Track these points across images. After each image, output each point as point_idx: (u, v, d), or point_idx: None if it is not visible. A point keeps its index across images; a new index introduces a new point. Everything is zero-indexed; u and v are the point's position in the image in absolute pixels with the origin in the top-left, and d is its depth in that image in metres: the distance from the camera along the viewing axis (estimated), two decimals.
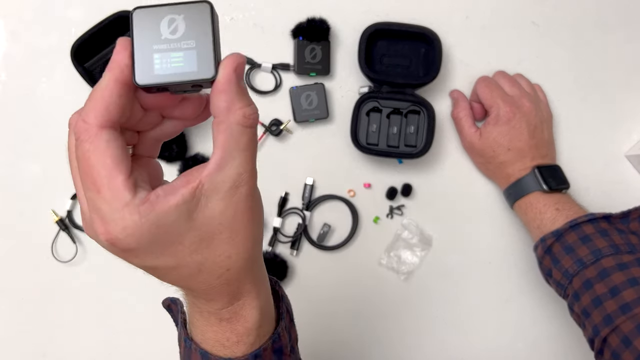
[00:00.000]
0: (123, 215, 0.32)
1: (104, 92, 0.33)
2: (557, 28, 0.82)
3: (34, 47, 0.76)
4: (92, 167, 0.32)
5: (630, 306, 0.59)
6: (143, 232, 0.33)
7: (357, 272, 0.79)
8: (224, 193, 0.34)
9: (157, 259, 0.35)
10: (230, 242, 0.36)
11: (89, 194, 0.33)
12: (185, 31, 0.33)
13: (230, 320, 0.40)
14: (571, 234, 0.66)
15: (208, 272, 0.37)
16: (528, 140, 0.74)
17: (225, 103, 0.33)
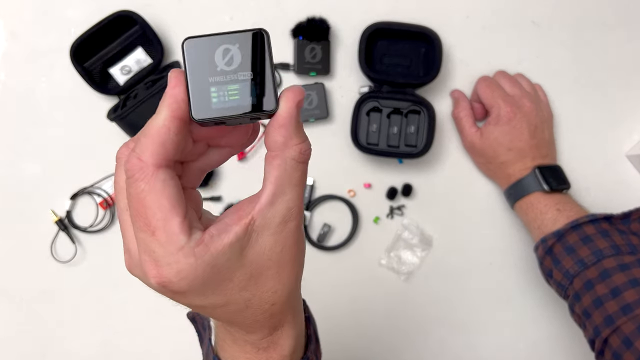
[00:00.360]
0: (178, 258, 0.31)
1: (161, 129, 0.31)
2: (558, 28, 0.81)
3: (33, 46, 0.76)
4: (147, 208, 0.31)
5: (632, 307, 0.59)
6: (197, 275, 0.32)
7: (357, 272, 0.79)
8: (274, 228, 0.33)
9: (206, 299, 0.34)
10: (277, 277, 0.35)
11: (141, 235, 0.32)
12: (242, 62, 0.32)
13: (267, 350, 0.40)
14: (572, 234, 0.66)
15: (255, 307, 0.36)
16: (529, 140, 0.74)
17: (282, 138, 0.32)
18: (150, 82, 0.72)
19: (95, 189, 0.75)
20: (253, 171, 0.72)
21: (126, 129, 0.70)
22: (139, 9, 0.73)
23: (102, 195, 0.75)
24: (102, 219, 0.76)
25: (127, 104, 0.70)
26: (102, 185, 0.75)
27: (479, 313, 0.80)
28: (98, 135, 0.76)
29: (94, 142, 0.77)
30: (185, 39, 0.32)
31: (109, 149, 0.76)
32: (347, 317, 0.79)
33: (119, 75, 0.74)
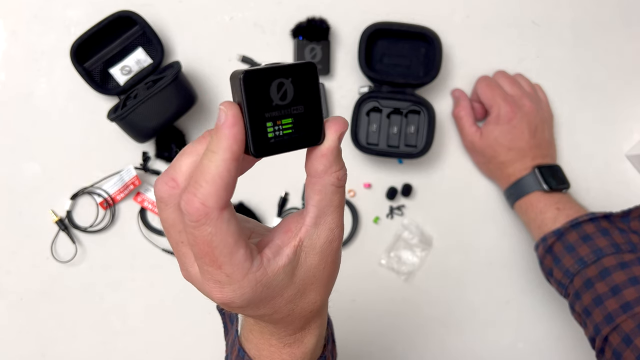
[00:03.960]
0: (242, 284, 0.34)
1: (223, 173, 0.31)
2: (558, 28, 0.82)
3: (33, 46, 0.76)
4: (214, 248, 0.32)
5: (632, 305, 0.59)
6: (256, 295, 0.35)
7: (357, 272, 0.79)
8: (319, 248, 0.36)
9: (258, 311, 0.37)
10: (318, 290, 0.39)
11: (207, 269, 0.34)
12: (294, 96, 0.33)
13: (292, 346, 0.43)
14: (572, 233, 0.66)
15: (295, 314, 0.39)
16: (529, 140, 0.74)
17: (323, 167, 0.34)
18: (151, 82, 0.72)
19: (95, 189, 0.75)
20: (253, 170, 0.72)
21: (126, 129, 0.70)
22: (139, 9, 0.73)
23: (102, 195, 0.75)
24: (103, 219, 0.76)
25: (127, 104, 0.70)
26: (102, 185, 0.75)
27: (478, 313, 0.80)
28: (98, 135, 0.76)
29: (94, 142, 0.77)
30: (244, 72, 0.32)
31: (109, 149, 0.76)
32: (347, 317, 0.79)
33: (119, 76, 0.74)
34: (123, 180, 0.74)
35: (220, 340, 0.70)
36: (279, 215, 0.78)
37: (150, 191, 0.76)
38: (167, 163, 0.77)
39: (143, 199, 0.76)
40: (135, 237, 0.77)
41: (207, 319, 0.77)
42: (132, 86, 0.74)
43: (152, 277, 0.77)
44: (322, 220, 0.36)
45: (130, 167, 0.74)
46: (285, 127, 0.33)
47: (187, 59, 0.76)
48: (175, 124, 0.76)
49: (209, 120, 0.78)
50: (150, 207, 0.76)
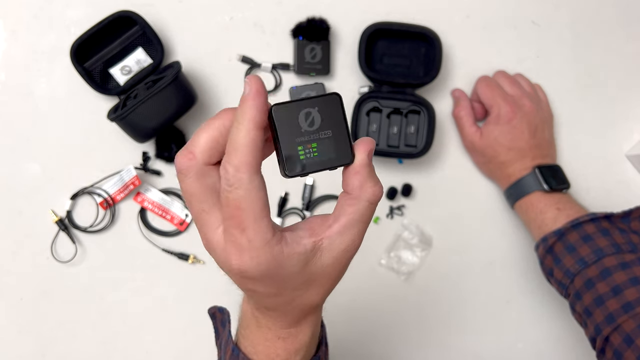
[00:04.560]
0: (259, 253, 0.36)
1: (250, 142, 0.34)
2: (558, 28, 0.82)
3: (33, 46, 0.76)
4: (242, 211, 0.35)
5: (633, 305, 0.59)
6: (269, 268, 0.37)
7: (357, 272, 0.79)
8: (336, 253, 0.39)
9: (265, 288, 0.39)
10: (323, 286, 0.41)
11: (232, 231, 0.36)
12: (322, 123, 0.37)
13: (286, 340, 0.45)
14: (573, 233, 0.66)
15: (295, 303, 0.42)
16: (529, 140, 0.74)
17: (359, 182, 0.37)
18: (151, 82, 0.72)
19: (95, 189, 0.75)
20: None
21: (126, 129, 0.71)
22: (139, 9, 0.73)
23: (103, 195, 0.75)
24: (103, 219, 0.76)
25: (127, 104, 0.70)
26: (102, 185, 0.75)
27: (478, 313, 0.80)
28: (98, 135, 0.76)
29: (94, 142, 0.77)
30: (272, 106, 0.36)
31: (109, 149, 0.76)
32: (347, 317, 0.79)
33: (119, 76, 0.74)
34: (123, 180, 0.74)
35: None
36: (278, 215, 0.78)
37: (150, 191, 0.76)
38: (167, 163, 0.77)
39: (143, 199, 0.76)
40: (135, 237, 0.77)
41: (207, 318, 0.77)
42: (132, 86, 0.74)
43: (152, 277, 0.77)
44: (348, 231, 0.38)
45: (130, 167, 0.74)
46: (314, 150, 0.37)
47: (187, 59, 0.76)
48: (176, 124, 0.76)
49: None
50: (150, 207, 0.76)
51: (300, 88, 0.77)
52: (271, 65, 0.78)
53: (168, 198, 0.77)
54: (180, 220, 0.77)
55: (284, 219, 0.78)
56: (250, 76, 0.35)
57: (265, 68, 0.78)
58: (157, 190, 0.77)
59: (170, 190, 0.77)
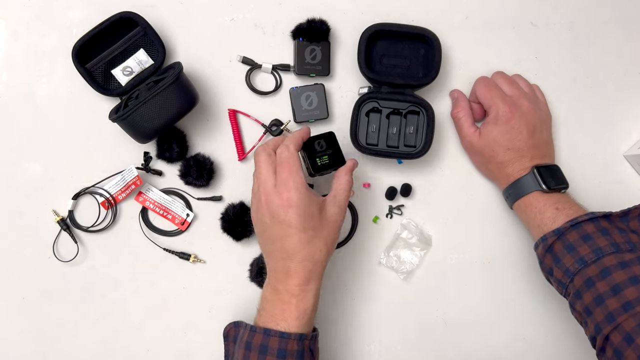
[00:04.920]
0: (300, 188, 0.63)
1: (298, 139, 0.68)
2: (556, 29, 0.82)
3: (35, 47, 0.77)
4: (291, 165, 0.64)
5: (633, 304, 0.59)
6: (304, 199, 0.63)
7: (357, 271, 0.80)
8: (335, 206, 0.67)
9: (297, 217, 0.62)
10: (327, 237, 0.66)
11: (283, 177, 0.63)
12: (326, 146, 0.70)
13: (298, 298, 0.63)
14: (572, 232, 0.66)
15: (308, 250, 0.64)
16: (527, 140, 0.74)
17: (344, 173, 0.69)
18: (152, 83, 0.73)
19: (97, 189, 0.76)
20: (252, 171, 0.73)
21: (128, 130, 0.71)
22: (141, 11, 0.74)
23: (104, 195, 0.75)
24: (104, 219, 0.77)
25: (128, 105, 0.70)
26: (104, 185, 0.76)
27: (477, 312, 0.80)
28: (100, 135, 0.77)
29: (96, 142, 0.77)
30: (304, 144, 0.70)
31: (110, 150, 0.77)
32: (347, 316, 0.79)
33: (120, 76, 0.74)
34: (125, 180, 0.75)
35: (221, 339, 0.70)
36: None
37: (151, 191, 0.77)
38: (169, 163, 0.77)
39: (144, 199, 0.77)
40: (136, 236, 0.77)
41: (208, 317, 0.78)
42: (134, 87, 0.74)
43: (153, 277, 0.78)
44: (338, 195, 0.68)
45: (131, 167, 0.75)
46: (324, 160, 0.70)
47: (188, 60, 0.77)
48: (177, 125, 0.76)
49: (211, 120, 0.78)
50: (151, 206, 0.77)
51: (300, 89, 0.77)
52: (271, 66, 0.78)
53: (169, 198, 0.77)
54: (181, 220, 0.77)
55: None
56: (305, 128, 0.69)
57: (265, 69, 0.78)
58: (158, 190, 0.77)
59: (171, 190, 0.78)
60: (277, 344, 0.62)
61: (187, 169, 0.76)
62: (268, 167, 0.64)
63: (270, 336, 0.62)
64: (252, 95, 0.79)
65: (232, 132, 0.78)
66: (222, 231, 0.77)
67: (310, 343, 0.65)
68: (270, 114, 0.78)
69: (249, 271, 0.78)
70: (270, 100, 0.79)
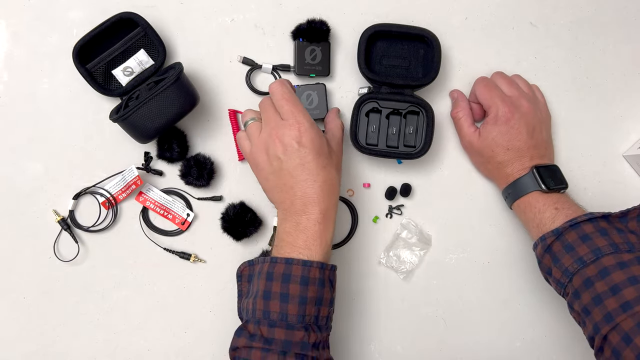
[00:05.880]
0: (308, 118, 0.66)
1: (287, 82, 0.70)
2: (555, 29, 0.82)
3: (35, 48, 0.77)
4: (291, 98, 0.67)
5: (631, 304, 0.59)
6: (313, 127, 0.66)
7: (357, 271, 0.80)
8: (333, 140, 0.72)
9: (312, 148, 0.64)
10: (337, 165, 0.69)
11: (286, 109, 0.66)
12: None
13: (321, 225, 0.65)
14: (571, 232, 0.66)
15: (325, 173, 0.66)
16: (527, 140, 0.74)
17: (336, 119, 0.75)
18: (153, 83, 0.73)
19: (97, 189, 0.76)
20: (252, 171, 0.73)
21: (128, 130, 0.71)
22: (141, 11, 0.74)
23: (105, 195, 0.76)
24: (105, 219, 0.77)
25: (129, 105, 0.70)
26: (104, 185, 0.76)
27: (477, 312, 0.81)
28: (100, 135, 0.77)
29: (97, 142, 0.77)
30: None
31: (111, 150, 0.77)
32: (346, 316, 0.79)
33: (121, 77, 0.74)
34: (125, 180, 0.75)
35: (221, 338, 0.71)
36: None
37: (152, 191, 0.77)
38: (169, 163, 0.77)
39: (145, 199, 0.77)
40: (137, 236, 0.77)
41: (209, 316, 0.78)
42: (134, 87, 0.74)
43: (154, 276, 0.78)
44: (335, 135, 0.72)
45: (132, 167, 0.75)
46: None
47: (188, 60, 0.77)
48: (177, 125, 0.77)
49: (211, 120, 0.78)
50: (152, 206, 0.77)
51: (302, 87, 0.77)
52: (271, 66, 0.78)
53: (170, 198, 0.77)
54: (181, 220, 0.77)
55: None
56: None
57: (265, 69, 0.78)
58: (158, 190, 0.77)
59: (172, 190, 0.78)
60: (300, 272, 0.62)
61: (188, 169, 0.76)
62: (269, 109, 0.67)
63: (293, 264, 0.63)
64: (253, 95, 0.79)
65: (232, 132, 0.78)
66: (223, 231, 0.77)
67: (331, 274, 0.65)
68: None
69: None
70: None
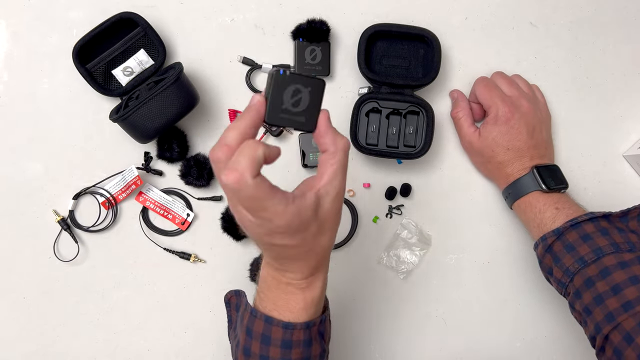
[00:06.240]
0: (285, 214, 0.47)
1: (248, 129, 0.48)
2: (555, 29, 0.82)
3: (35, 48, 0.77)
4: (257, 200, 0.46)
5: (632, 304, 0.59)
6: (293, 222, 0.48)
7: (357, 271, 0.80)
8: (332, 197, 0.51)
9: (291, 239, 0.50)
10: (330, 230, 0.53)
11: (259, 214, 0.47)
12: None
13: (304, 290, 0.56)
14: (572, 232, 0.66)
15: (315, 251, 0.53)
16: (527, 140, 0.74)
17: (330, 140, 0.50)
18: (153, 83, 0.73)
19: (97, 189, 0.76)
20: None
21: (128, 130, 0.71)
22: (141, 11, 0.74)
23: (105, 195, 0.76)
24: (105, 219, 0.77)
25: (129, 105, 0.70)
26: (104, 185, 0.76)
27: (476, 312, 0.81)
28: (100, 135, 0.77)
29: (97, 142, 0.77)
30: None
31: (111, 150, 0.77)
32: (346, 316, 0.79)
33: (121, 77, 0.74)
34: (125, 180, 0.75)
35: (221, 338, 0.71)
36: None
37: (152, 191, 0.77)
38: (169, 163, 0.77)
39: (145, 199, 0.77)
40: (137, 236, 0.77)
41: (208, 317, 0.78)
42: (134, 87, 0.74)
43: (154, 276, 0.78)
44: (336, 179, 0.51)
45: (132, 167, 0.75)
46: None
47: (188, 60, 0.77)
48: (177, 125, 0.76)
49: (211, 120, 0.78)
50: (152, 206, 0.77)
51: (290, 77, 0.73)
52: (271, 66, 0.78)
53: (170, 198, 0.77)
54: (181, 220, 0.77)
55: None
56: None
57: (265, 69, 0.78)
58: (158, 190, 0.77)
59: (171, 190, 0.78)
60: (281, 335, 0.55)
61: (188, 169, 0.76)
62: (233, 204, 0.49)
63: (273, 325, 0.55)
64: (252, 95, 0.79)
65: None
66: (222, 231, 0.77)
67: (320, 327, 0.58)
68: None
69: (249, 271, 0.78)
70: None
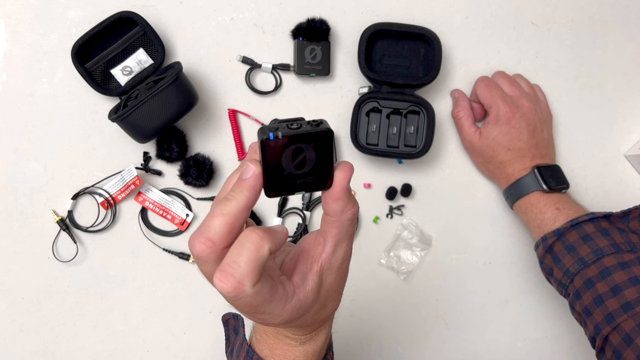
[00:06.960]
0: (282, 315, 0.40)
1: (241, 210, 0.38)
2: (557, 28, 0.82)
3: (34, 47, 0.76)
4: (254, 307, 0.38)
5: (632, 305, 0.59)
6: (292, 317, 0.41)
7: (357, 271, 0.80)
8: (336, 269, 0.43)
9: (289, 325, 0.43)
10: (334, 300, 0.46)
11: (256, 316, 0.40)
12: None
13: (305, 343, 0.49)
14: (572, 233, 0.66)
15: (317, 321, 0.47)
16: (528, 140, 0.74)
17: (339, 207, 0.40)
18: (152, 83, 0.73)
19: (96, 189, 0.76)
20: None
21: (127, 130, 0.71)
22: (140, 10, 0.73)
23: (104, 195, 0.75)
24: (104, 219, 0.76)
25: (128, 105, 0.70)
26: (103, 185, 0.76)
27: (477, 312, 0.80)
28: (99, 135, 0.77)
29: (96, 142, 0.77)
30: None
31: (110, 149, 0.77)
32: (347, 316, 0.79)
33: (120, 76, 0.74)
34: (124, 180, 0.75)
35: (221, 339, 0.70)
36: (279, 215, 0.78)
37: (151, 191, 0.77)
38: (168, 163, 0.77)
39: (144, 199, 0.77)
40: (136, 236, 0.77)
41: (208, 317, 0.78)
42: (133, 87, 0.74)
43: (153, 276, 0.78)
44: (339, 248, 0.42)
45: (131, 167, 0.74)
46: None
47: (187, 60, 0.77)
48: (177, 124, 0.76)
49: (210, 120, 0.78)
50: (151, 206, 0.77)
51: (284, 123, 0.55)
52: (271, 65, 0.78)
53: (169, 198, 0.77)
54: (181, 220, 0.77)
55: (284, 219, 0.79)
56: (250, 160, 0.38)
57: (265, 69, 0.78)
58: (157, 190, 0.77)
59: (171, 190, 0.77)
60: None
61: (187, 169, 0.76)
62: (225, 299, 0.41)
63: None
64: (252, 95, 0.79)
65: (232, 132, 0.78)
66: None
67: None
68: (270, 113, 0.78)
69: None
70: (270, 100, 0.79)
